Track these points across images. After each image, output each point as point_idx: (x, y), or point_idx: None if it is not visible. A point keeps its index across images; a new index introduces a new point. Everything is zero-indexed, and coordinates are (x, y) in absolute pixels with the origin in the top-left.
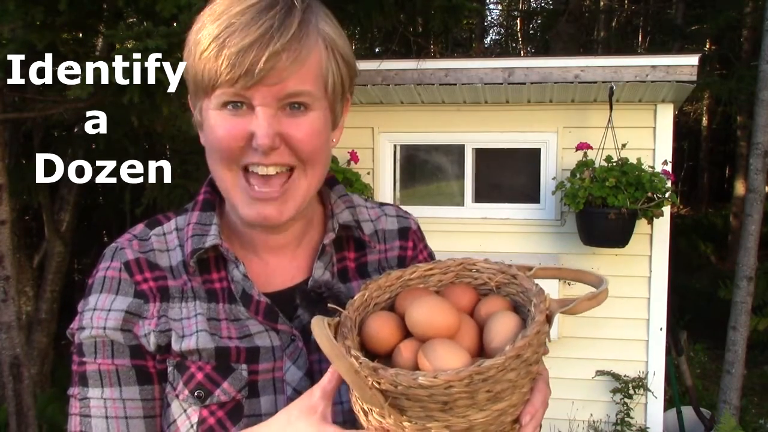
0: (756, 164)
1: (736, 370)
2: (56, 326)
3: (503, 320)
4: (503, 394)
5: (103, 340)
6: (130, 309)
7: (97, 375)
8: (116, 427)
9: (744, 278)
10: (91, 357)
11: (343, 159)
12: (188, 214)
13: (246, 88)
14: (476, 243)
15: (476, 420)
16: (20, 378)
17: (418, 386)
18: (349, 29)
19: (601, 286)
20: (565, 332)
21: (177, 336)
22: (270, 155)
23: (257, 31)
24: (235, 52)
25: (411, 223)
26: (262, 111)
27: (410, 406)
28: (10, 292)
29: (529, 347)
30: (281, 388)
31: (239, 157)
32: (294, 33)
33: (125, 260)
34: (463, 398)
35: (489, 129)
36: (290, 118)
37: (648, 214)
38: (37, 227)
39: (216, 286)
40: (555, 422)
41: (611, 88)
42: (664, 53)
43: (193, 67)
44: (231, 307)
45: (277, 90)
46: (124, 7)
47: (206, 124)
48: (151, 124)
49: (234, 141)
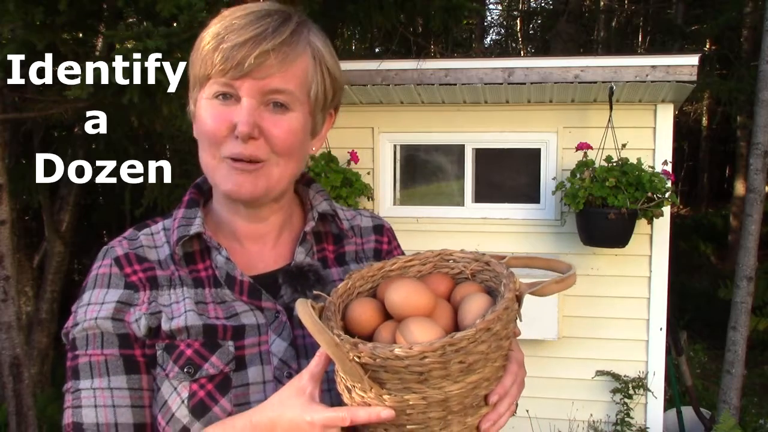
0: (756, 164)
1: (736, 370)
2: (56, 326)
3: (475, 300)
4: (476, 366)
5: (94, 332)
6: (121, 299)
7: (87, 366)
8: (104, 415)
9: (744, 278)
10: (82, 349)
11: (343, 159)
12: (174, 212)
13: (235, 78)
14: (476, 243)
15: (451, 392)
16: (20, 378)
17: (394, 357)
18: (349, 29)
19: (569, 271)
20: (565, 332)
21: (167, 318)
22: (248, 143)
23: (253, 31)
24: (230, 47)
25: (385, 223)
26: (247, 102)
27: (389, 378)
28: (10, 292)
29: (499, 321)
30: (267, 359)
31: (221, 145)
32: (285, 38)
33: (115, 256)
34: (437, 368)
35: (489, 129)
36: (271, 115)
37: (648, 214)
38: (37, 227)
39: (202, 274)
40: (555, 422)
41: (611, 88)
42: (664, 53)
43: (193, 61)
44: (217, 291)
45: (262, 84)
46: (124, 7)
47: (198, 113)
48: (151, 124)
49: (219, 125)
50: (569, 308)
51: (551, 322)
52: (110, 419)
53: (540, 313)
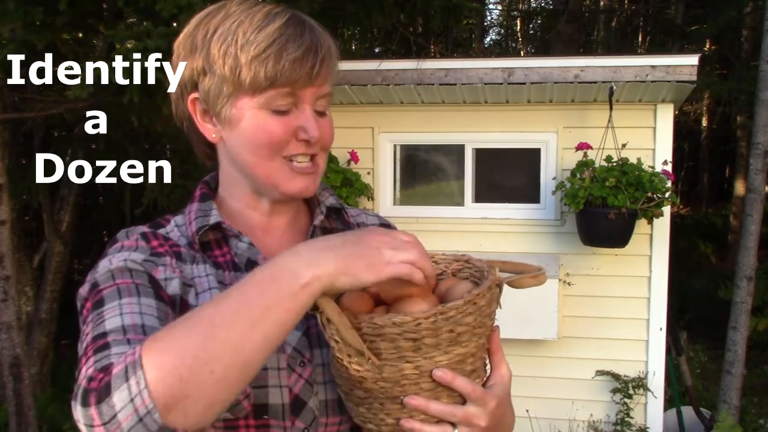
0: (756, 164)
1: (736, 370)
2: (56, 326)
3: (460, 284)
4: (462, 338)
5: (121, 269)
6: (147, 258)
7: (115, 292)
8: (131, 319)
9: (744, 278)
10: (108, 282)
11: (343, 159)
12: (187, 208)
13: (302, 87)
14: (476, 243)
15: (441, 362)
16: (20, 378)
17: (391, 324)
18: (349, 29)
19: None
20: (565, 332)
21: (193, 293)
22: (313, 145)
23: (306, 41)
24: (294, 58)
25: (391, 223)
26: (309, 108)
27: (385, 347)
28: (10, 292)
29: (483, 298)
30: (281, 347)
31: (283, 149)
32: (327, 43)
33: (141, 232)
34: (429, 335)
35: (489, 129)
36: (319, 117)
37: (648, 214)
38: (37, 227)
39: (219, 260)
40: (555, 422)
41: (611, 88)
42: (664, 53)
43: (243, 66)
44: (236, 275)
45: (319, 91)
46: (124, 7)
47: (246, 121)
48: (151, 124)
49: (285, 135)
50: (569, 308)
51: (551, 322)
52: (137, 321)
53: (540, 313)
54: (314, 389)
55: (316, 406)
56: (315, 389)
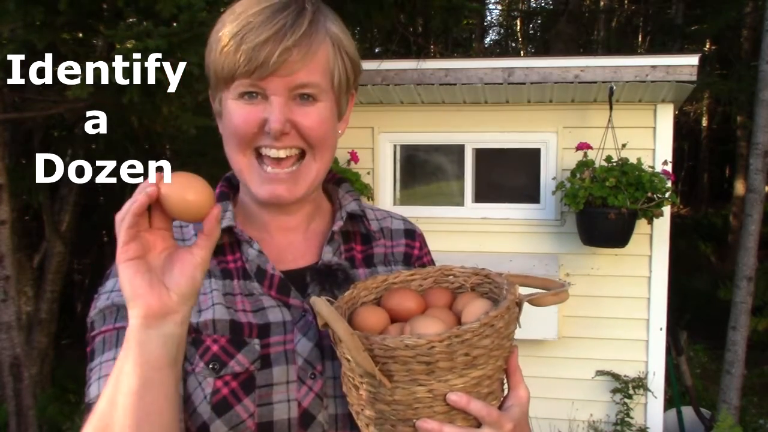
0: (756, 164)
1: (736, 370)
2: (56, 326)
3: (477, 302)
4: (479, 361)
5: (110, 309)
6: None
7: (101, 343)
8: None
9: (744, 278)
10: (99, 327)
11: (343, 159)
12: None
13: (261, 78)
14: (476, 243)
15: (456, 386)
16: (20, 378)
17: (404, 347)
18: (349, 29)
19: (563, 288)
20: (565, 332)
21: (195, 311)
22: (281, 139)
23: (272, 28)
24: (252, 47)
25: (417, 228)
26: (275, 99)
27: (397, 369)
28: (10, 292)
29: (501, 319)
30: (292, 358)
31: (252, 141)
32: (305, 31)
33: None
34: (443, 359)
35: (489, 129)
36: (300, 107)
37: (648, 214)
38: (37, 227)
39: (230, 266)
40: (555, 422)
41: (611, 88)
42: (664, 53)
43: (214, 61)
44: (245, 283)
45: (288, 81)
46: (124, 7)
47: (225, 113)
48: (151, 124)
49: (249, 126)
50: (569, 308)
51: (551, 322)
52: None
53: (540, 313)
54: (324, 403)
55: (325, 420)
56: (325, 403)
